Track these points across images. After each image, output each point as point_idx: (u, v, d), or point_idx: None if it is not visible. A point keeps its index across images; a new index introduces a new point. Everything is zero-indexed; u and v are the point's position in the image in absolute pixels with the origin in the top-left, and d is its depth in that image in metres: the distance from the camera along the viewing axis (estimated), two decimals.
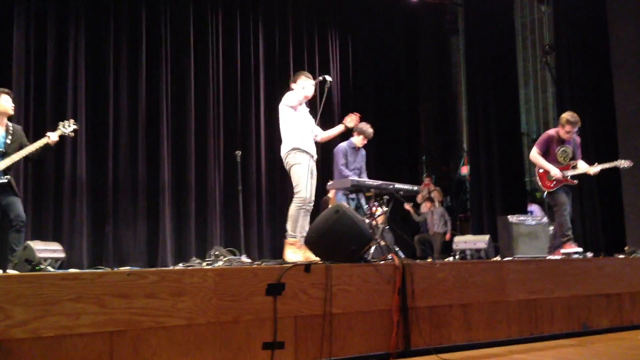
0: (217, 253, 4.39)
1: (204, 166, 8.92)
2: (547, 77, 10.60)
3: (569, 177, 6.07)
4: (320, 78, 5.09)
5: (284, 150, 5.08)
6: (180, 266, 4.22)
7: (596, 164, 6.12)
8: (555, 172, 6.06)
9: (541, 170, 6.23)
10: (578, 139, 6.31)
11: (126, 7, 8.62)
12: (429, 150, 12.03)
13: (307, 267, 3.71)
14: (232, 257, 4.42)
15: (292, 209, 4.86)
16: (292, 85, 5.24)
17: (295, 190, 4.91)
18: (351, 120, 5.53)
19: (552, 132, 6.31)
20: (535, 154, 6.26)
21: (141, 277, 3.14)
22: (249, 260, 4.60)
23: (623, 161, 6.12)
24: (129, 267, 4.23)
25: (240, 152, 7.08)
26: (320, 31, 10.65)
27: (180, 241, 8.56)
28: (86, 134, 8.18)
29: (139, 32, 8.66)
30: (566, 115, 6.16)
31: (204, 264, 4.30)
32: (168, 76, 8.81)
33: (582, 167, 6.13)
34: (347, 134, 6.71)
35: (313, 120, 5.29)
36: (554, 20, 9.98)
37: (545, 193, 6.24)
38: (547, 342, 4.61)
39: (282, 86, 9.97)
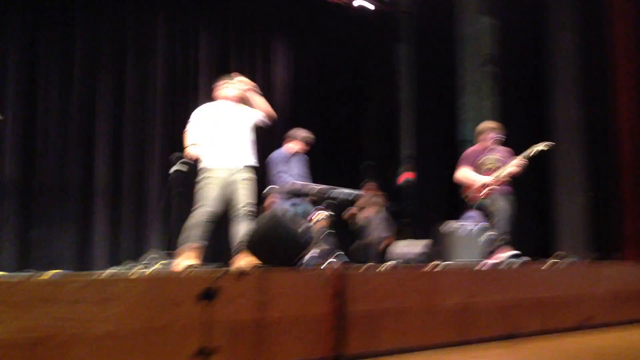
0: (152, 257, 4.29)
1: (142, 167, 8.69)
2: (487, 87, 10.86)
3: (497, 178, 6.20)
4: None
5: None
6: (111, 270, 4.11)
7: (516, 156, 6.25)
8: (483, 179, 6.20)
9: (471, 185, 6.33)
10: (505, 150, 6.44)
11: (60, 2, 8.33)
12: (371, 156, 12.12)
13: (243, 271, 3.67)
14: (167, 261, 4.33)
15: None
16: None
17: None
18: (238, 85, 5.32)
19: (469, 149, 6.49)
20: (462, 172, 6.38)
21: (66, 282, 3.04)
22: (186, 265, 4.52)
23: (539, 144, 6.24)
24: (56, 271, 4.08)
25: (179, 154, 6.93)
26: (264, 35, 10.58)
27: (115, 244, 8.30)
28: (13, 130, 7.82)
29: (74, 25, 8.36)
30: (483, 125, 6.37)
31: (137, 268, 4.20)
32: (104, 71, 8.54)
33: (507, 166, 6.25)
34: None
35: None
36: (494, 31, 10.24)
37: (481, 202, 6.36)
38: (479, 345, 4.70)
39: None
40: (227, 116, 5.02)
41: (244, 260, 4.65)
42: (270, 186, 6.29)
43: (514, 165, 6.19)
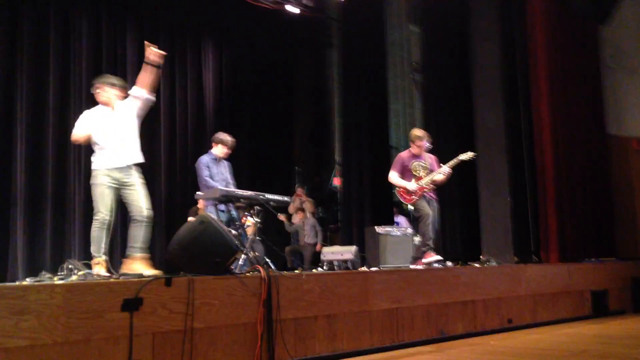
0: (70, 267, 4.11)
1: (63, 175, 8.32)
2: (415, 94, 11.10)
3: (424, 185, 6.34)
4: None
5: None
6: (27, 281, 3.91)
7: (442, 165, 6.43)
8: (411, 185, 6.33)
9: (400, 190, 6.48)
10: (433, 157, 6.61)
11: None
12: (302, 161, 12.14)
13: (168, 280, 3.57)
14: (87, 271, 4.16)
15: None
16: None
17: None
18: (151, 51, 5.08)
19: (403, 153, 6.63)
20: (391, 176, 6.53)
21: None
22: (107, 274, 4.35)
23: (463, 154, 6.44)
24: None
25: None
26: (195, 37, 10.41)
27: (33, 254, 7.90)
28: None
29: None
30: (415, 132, 6.55)
31: (56, 278, 4.01)
32: (25, 78, 8.13)
33: (435, 173, 6.42)
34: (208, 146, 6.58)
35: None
36: (422, 40, 10.47)
37: (409, 205, 6.49)
38: (408, 349, 4.77)
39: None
40: (109, 118, 4.85)
41: (134, 266, 4.53)
42: (197, 192, 6.17)
43: (440, 173, 6.35)
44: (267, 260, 6.13)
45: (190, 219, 7.43)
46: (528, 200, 8.06)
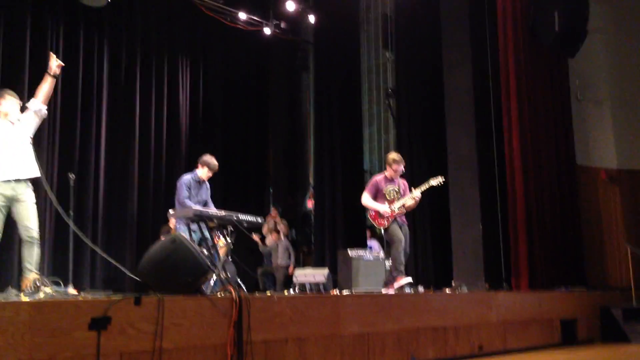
0: (37, 284, 4.01)
1: (34, 187, 8.18)
2: (390, 119, 11.19)
3: (396, 210, 6.36)
4: None
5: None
6: None
7: (413, 189, 6.47)
8: (384, 208, 6.35)
9: (372, 213, 6.49)
10: (405, 183, 6.65)
11: None
12: (276, 183, 12.13)
13: (137, 299, 3.50)
14: (54, 287, 4.06)
15: None
16: None
17: None
18: (55, 62, 5.06)
19: (378, 176, 6.65)
20: (365, 198, 6.53)
21: None
22: (75, 292, 4.26)
23: (434, 179, 6.49)
24: None
25: (73, 175, 6.61)
26: (170, 57, 10.39)
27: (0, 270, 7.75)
28: None
29: None
30: (392, 155, 6.57)
31: (22, 294, 3.91)
32: None
33: (407, 197, 6.45)
34: (192, 166, 6.54)
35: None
36: (395, 66, 10.60)
37: (382, 230, 6.49)
38: None
39: (126, 109, 9.57)
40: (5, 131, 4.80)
41: (28, 284, 4.44)
42: (170, 210, 6.11)
43: (410, 197, 6.38)
44: (239, 281, 6.07)
45: (162, 237, 7.34)
46: (499, 228, 8.13)
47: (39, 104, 4.88)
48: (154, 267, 3.99)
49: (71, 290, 4.30)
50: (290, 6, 10.85)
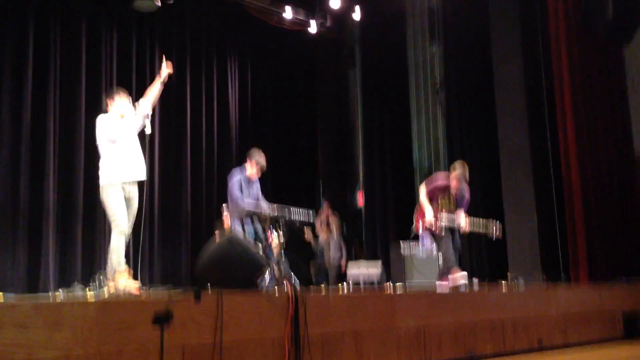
0: (100, 279, 4.15)
1: (93, 187, 8.46)
2: (438, 113, 11.09)
3: (438, 228, 6.28)
4: None
5: None
6: (60, 292, 3.95)
7: (467, 218, 6.34)
8: (429, 218, 6.29)
9: (419, 211, 6.44)
10: (467, 194, 6.56)
11: (12, 18, 8.11)
12: (326, 179, 12.16)
13: (197, 294, 3.58)
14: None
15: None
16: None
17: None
18: (166, 66, 5.19)
19: (441, 180, 6.57)
20: (422, 195, 6.48)
21: (13, 307, 2.89)
22: (137, 286, 4.39)
23: (490, 227, 6.38)
24: (4, 294, 3.89)
25: None
26: (220, 57, 10.57)
27: (64, 266, 8.04)
28: None
29: (26, 45, 8.16)
30: (463, 172, 6.43)
31: (87, 289, 4.05)
32: (56, 92, 8.33)
33: (456, 218, 6.34)
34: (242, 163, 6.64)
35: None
36: (443, 60, 10.50)
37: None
38: None
39: (178, 110, 9.78)
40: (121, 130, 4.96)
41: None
42: (223, 205, 6.20)
43: (461, 223, 6.27)
44: (293, 276, 6.13)
45: (216, 233, 7.47)
46: (556, 219, 7.96)
47: (148, 106, 5.02)
48: (211, 264, 4.08)
49: (133, 285, 4.42)
50: (335, 3, 10.85)
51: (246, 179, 6.42)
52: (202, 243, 4.41)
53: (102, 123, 4.93)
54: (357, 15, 11.04)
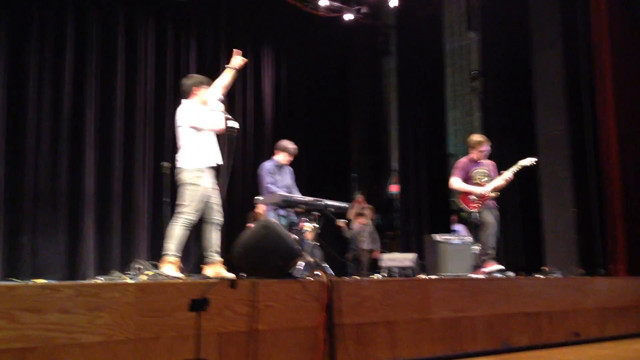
0: (139, 266, 4.23)
1: (131, 176, 8.64)
2: (474, 101, 10.95)
3: (489, 192, 6.24)
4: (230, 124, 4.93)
5: None
6: (99, 279, 4.05)
7: (503, 172, 6.31)
8: (476, 190, 6.24)
9: (462, 196, 6.38)
10: (493, 164, 6.51)
11: (52, 11, 8.27)
12: (359, 169, 12.14)
13: (233, 282, 3.63)
14: (155, 270, 4.27)
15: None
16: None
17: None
18: (236, 58, 5.17)
19: (464, 159, 6.53)
20: (455, 182, 6.43)
21: (55, 291, 2.98)
22: (176, 275, 4.46)
23: (525, 159, 6.33)
24: (45, 280, 3.99)
25: (167, 164, 6.89)
26: (253, 47, 10.60)
27: (103, 253, 8.23)
28: (4, 139, 7.75)
29: (64, 37, 8.33)
30: (475, 137, 6.49)
31: (125, 277, 4.14)
32: (94, 82, 8.50)
33: (499, 180, 6.32)
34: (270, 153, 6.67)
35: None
36: (481, 48, 10.35)
37: (472, 214, 6.36)
38: (470, 359, 4.69)
39: None
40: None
41: (214, 270, 4.62)
42: (256, 197, 6.25)
43: (501, 179, 6.25)
44: (325, 265, 6.14)
45: (249, 224, 7.53)
46: (593, 211, 7.80)
47: (218, 92, 5.10)
48: (246, 252, 4.11)
49: (173, 272, 4.48)
50: None
51: (276, 167, 6.44)
52: (236, 233, 4.45)
53: (186, 110, 4.93)
54: (393, 1, 10.93)
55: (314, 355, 3.88)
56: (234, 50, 5.20)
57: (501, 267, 6.12)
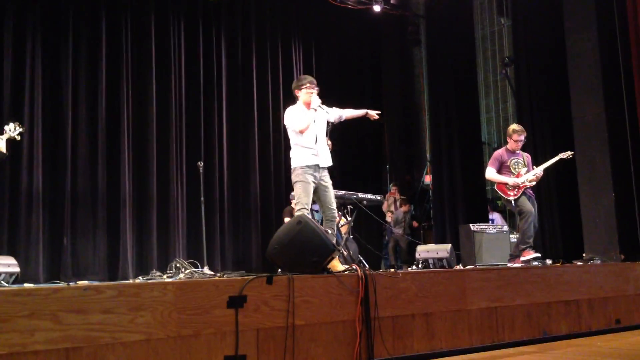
0: (178, 265, 4.32)
1: (166, 177, 8.80)
2: (507, 88, 10.80)
3: (526, 182, 6.18)
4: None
5: None
6: (140, 279, 4.14)
7: (536, 167, 6.33)
8: (512, 180, 6.19)
9: (499, 184, 6.35)
10: (528, 156, 6.47)
11: (86, 15, 8.48)
12: (392, 160, 12.10)
13: (269, 278, 3.68)
14: (193, 269, 4.36)
15: None
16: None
17: None
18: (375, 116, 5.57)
19: (500, 150, 6.50)
20: (489, 173, 6.40)
21: (98, 292, 3.07)
22: (211, 273, 4.54)
23: (562, 154, 6.32)
24: (87, 281, 4.12)
25: (202, 163, 7.01)
26: (284, 40, 10.66)
27: (141, 254, 8.41)
28: (43, 143, 7.98)
29: (99, 41, 8.53)
30: (512, 127, 6.47)
31: (165, 276, 4.23)
32: (129, 85, 8.69)
33: (537, 170, 6.29)
34: None
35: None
36: (513, 33, 10.19)
37: (512, 201, 6.30)
38: (508, 349, 4.65)
39: (244, 96, 9.95)
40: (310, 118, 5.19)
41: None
42: (292, 192, 6.30)
43: (540, 168, 6.21)
44: (361, 258, 6.17)
45: (285, 219, 7.60)
46: (634, 196, 7.64)
47: (338, 115, 5.38)
48: (282, 248, 4.16)
49: (207, 271, 4.58)
50: None
51: None
52: (271, 230, 4.52)
53: (289, 115, 5.31)
54: None
55: (351, 349, 3.91)
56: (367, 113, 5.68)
57: (538, 255, 6.06)
